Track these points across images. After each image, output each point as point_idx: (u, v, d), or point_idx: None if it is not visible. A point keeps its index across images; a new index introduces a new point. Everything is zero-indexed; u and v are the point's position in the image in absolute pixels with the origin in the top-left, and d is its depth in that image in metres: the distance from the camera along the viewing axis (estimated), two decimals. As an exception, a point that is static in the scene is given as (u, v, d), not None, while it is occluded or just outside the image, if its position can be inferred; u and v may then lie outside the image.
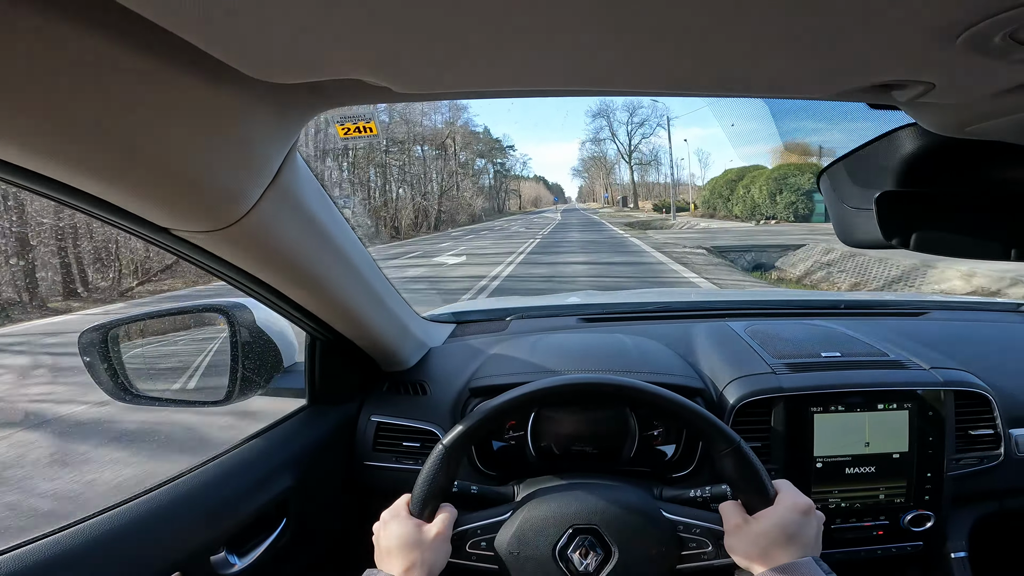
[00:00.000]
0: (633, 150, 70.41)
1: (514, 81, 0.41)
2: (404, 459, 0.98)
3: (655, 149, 69.23)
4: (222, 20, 0.30)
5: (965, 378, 0.95)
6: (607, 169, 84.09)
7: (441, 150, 40.99)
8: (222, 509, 0.75)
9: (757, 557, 0.62)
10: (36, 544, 0.58)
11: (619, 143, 73.12)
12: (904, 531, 0.92)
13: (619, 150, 73.92)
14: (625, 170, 73.79)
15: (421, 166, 37.67)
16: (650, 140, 69.41)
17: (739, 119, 1.03)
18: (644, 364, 1.00)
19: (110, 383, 0.83)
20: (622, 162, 74.29)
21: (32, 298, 10.09)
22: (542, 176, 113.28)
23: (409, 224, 32.09)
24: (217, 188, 0.47)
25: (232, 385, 0.87)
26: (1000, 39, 0.28)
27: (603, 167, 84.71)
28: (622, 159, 73.44)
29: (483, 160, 57.58)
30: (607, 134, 74.12)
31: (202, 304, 0.90)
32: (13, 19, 0.28)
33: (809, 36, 0.31)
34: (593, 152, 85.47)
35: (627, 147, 70.79)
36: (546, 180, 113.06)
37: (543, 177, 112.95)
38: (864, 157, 0.54)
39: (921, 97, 0.37)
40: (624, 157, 71.84)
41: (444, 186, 39.53)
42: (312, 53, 0.34)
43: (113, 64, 0.33)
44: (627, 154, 70.74)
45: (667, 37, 0.32)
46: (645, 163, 69.96)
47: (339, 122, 0.89)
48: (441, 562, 0.66)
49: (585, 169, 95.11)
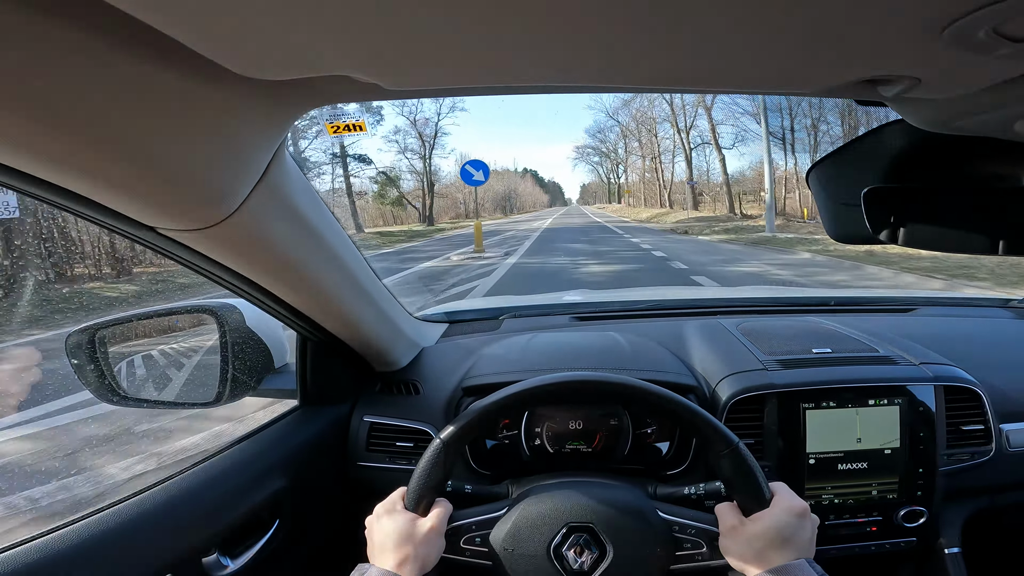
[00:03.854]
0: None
1: (503, 78, 0.40)
2: (397, 459, 0.98)
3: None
4: (207, 16, 0.29)
5: (955, 373, 0.96)
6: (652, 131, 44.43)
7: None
8: (213, 511, 0.74)
9: (751, 559, 0.62)
10: (23, 547, 0.57)
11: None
12: (897, 527, 0.93)
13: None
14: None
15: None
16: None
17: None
18: (637, 362, 1.00)
19: (98, 385, 0.82)
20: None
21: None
22: (532, 169, 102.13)
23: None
24: (204, 186, 0.46)
25: (222, 386, 0.86)
26: (984, 34, 0.28)
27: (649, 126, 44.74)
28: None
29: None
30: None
31: (191, 304, 0.89)
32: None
33: (793, 31, 0.31)
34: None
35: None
36: (538, 174, 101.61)
37: (534, 171, 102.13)
38: (852, 153, 0.55)
39: (907, 92, 0.37)
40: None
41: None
42: (298, 49, 0.34)
43: (97, 61, 0.33)
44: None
45: (653, 33, 0.32)
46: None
47: (329, 120, 0.88)
48: (434, 557, 0.66)
49: (600, 148, 60.79)
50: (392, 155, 47.80)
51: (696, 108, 36.74)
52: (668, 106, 39.60)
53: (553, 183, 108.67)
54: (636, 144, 50.98)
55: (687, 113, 38.18)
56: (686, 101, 37.17)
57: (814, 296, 1.51)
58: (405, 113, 40.66)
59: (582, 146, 72.85)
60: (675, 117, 39.37)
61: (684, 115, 38.30)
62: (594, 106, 60.82)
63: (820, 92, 0.41)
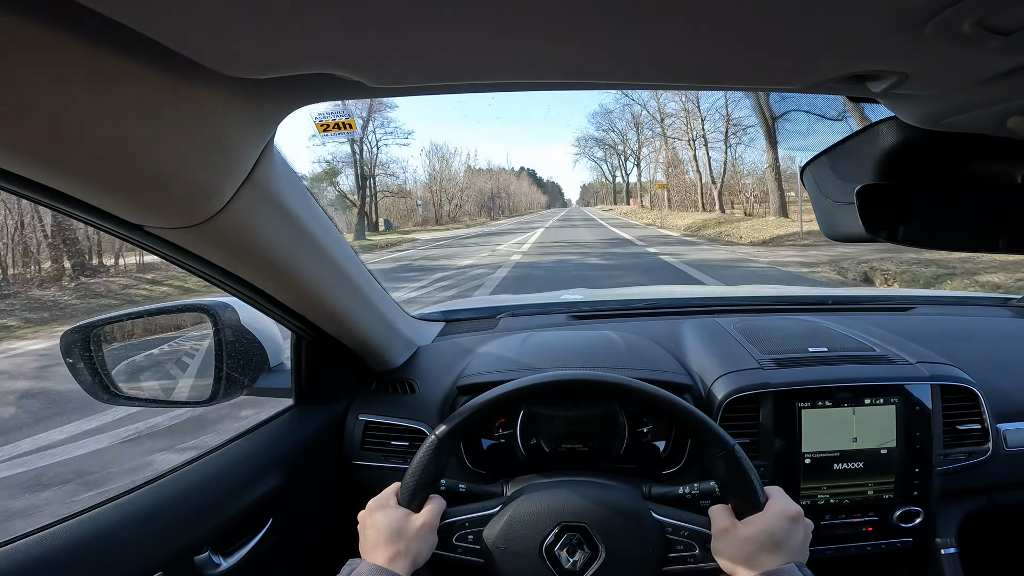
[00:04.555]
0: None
1: (489, 74, 0.40)
2: (392, 458, 0.97)
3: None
4: (186, 16, 0.29)
5: (952, 372, 0.95)
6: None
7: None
8: (206, 509, 0.74)
9: (742, 562, 0.62)
10: (14, 545, 0.57)
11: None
12: (893, 527, 0.93)
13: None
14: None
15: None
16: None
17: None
18: (633, 360, 1.00)
19: (91, 382, 0.82)
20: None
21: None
22: (530, 168, 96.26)
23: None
24: (189, 184, 0.46)
25: (217, 385, 0.86)
26: (969, 27, 0.28)
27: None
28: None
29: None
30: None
31: (186, 303, 0.89)
32: None
33: (778, 26, 0.30)
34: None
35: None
36: (534, 172, 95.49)
37: (531, 169, 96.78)
38: (846, 151, 0.54)
39: (896, 88, 0.37)
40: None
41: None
42: (280, 47, 0.34)
43: (81, 62, 0.33)
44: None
45: (641, 30, 0.31)
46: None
47: (318, 119, 0.88)
48: (426, 553, 0.66)
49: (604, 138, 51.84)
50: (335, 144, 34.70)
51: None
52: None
53: (552, 183, 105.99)
54: (657, 130, 38.29)
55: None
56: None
57: (811, 295, 1.50)
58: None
59: (584, 137, 62.89)
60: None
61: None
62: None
63: (810, 88, 0.41)
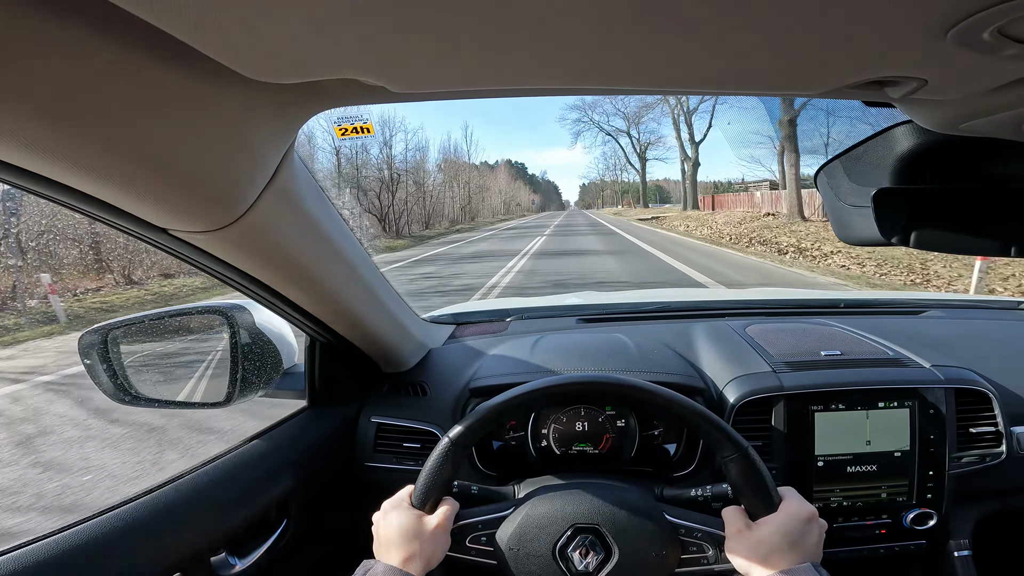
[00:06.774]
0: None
1: (509, 80, 0.41)
2: (405, 460, 0.98)
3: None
4: (217, 20, 0.30)
5: (966, 375, 0.95)
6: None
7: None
8: (222, 510, 0.75)
9: (757, 562, 0.62)
10: (36, 545, 0.58)
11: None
12: (907, 530, 0.92)
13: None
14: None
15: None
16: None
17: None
18: (644, 363, 1.00)
19: (110, 385, 0.83)
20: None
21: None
22: (519, 162, 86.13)
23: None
24: (214, 188, 0.47)
25: (232, 387, 0.87)
26: (989, 35, 0.28)
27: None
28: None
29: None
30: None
31: (201, 306, 0.90)
32: (11, 20, 0.28)
33: (799, 32, 0.31)
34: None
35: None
36: (525, 168, 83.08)
37: (520, 163, 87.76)
38: (861, 155, 0.54)
39: (914, 94, 0.37)
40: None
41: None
42: (306, 53, 0.34)
43: (110, 65, 0.33)
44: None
45: (661, 35, 0.32)
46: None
47: (337, 123, 0.89)
48: (439, 554, 0.66)
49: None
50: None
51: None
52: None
53: (547, 181, 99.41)
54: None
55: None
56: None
57: (823, 298, 1.50)
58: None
59: (587, 104, 51.60)
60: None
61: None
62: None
63: (827, 94, 0.41)
